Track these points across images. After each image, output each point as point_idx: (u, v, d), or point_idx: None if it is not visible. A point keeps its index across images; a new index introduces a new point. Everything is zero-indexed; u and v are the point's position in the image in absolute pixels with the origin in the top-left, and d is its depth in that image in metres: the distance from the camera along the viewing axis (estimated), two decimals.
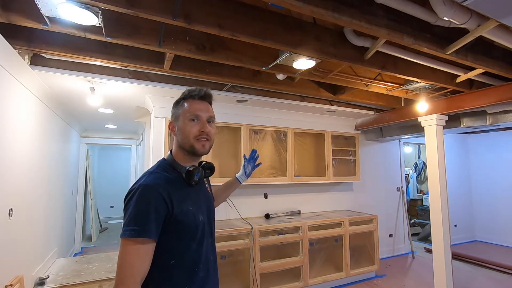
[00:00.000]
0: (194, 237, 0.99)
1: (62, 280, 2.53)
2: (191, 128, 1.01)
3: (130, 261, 0.85)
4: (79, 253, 5.17)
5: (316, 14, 1.55)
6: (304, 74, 2.57)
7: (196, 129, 1.01)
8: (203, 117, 1.03)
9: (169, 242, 0.93)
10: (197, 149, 1.02)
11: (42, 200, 2.92)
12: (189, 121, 1.02)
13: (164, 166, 1.04)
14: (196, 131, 1.01)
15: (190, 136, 1.01)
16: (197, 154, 1.04)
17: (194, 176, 1.00)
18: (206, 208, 1.09)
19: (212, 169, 1.15)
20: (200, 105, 1.04)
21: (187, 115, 1.02)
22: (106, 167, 8.38)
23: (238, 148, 3.50)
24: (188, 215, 0.97)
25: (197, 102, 1.05)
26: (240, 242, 3.01)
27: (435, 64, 2.40)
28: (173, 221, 0.93)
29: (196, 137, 1.01)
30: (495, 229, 5.61)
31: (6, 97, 1.96)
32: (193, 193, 1.04)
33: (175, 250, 0.95)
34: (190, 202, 1.00)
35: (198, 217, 1.00)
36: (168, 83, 2.83)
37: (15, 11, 1.61)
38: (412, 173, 7.12)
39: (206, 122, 1.04)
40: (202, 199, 1.10)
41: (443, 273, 3.18)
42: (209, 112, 1.06)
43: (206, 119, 1.04)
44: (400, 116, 3.73)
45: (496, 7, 1.41)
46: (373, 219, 3.92)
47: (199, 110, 1.03)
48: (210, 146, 1.05)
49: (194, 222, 0.98)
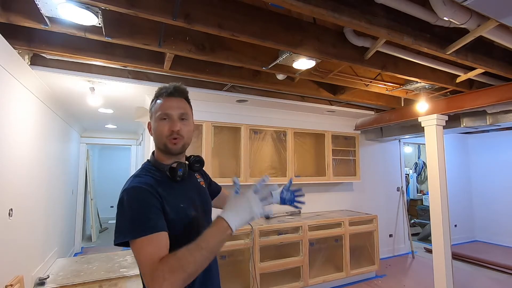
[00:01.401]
0: (189, 233, 0.96)
1: (62, 280, 2.53)
2: (163, 127, 0.99)
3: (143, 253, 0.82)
4: (79, 253, 5.17)
5: (316, 14, 1.55)
6: (304, 74, 2.57)
7: (166, 128, 0.98)
8: (173, 115, 0.99)
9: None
10: (170, 147, 0.99)
11: (42, 200, 2.92)
12: (160, 120, 0.99)
13: (148, 168, 1.02)
14: (167, 130, 0.98)
15: (162, 135, 0.99)
16: (171, 153, 1.01)
17: (177, 171, 0.98)
18: (199, 202, 1.07)
19: (201, 162, 1.12)
20: (171, 103, 1.00)
21: (158, 114, 1.00)
22: (106, 167, 8.38)
23: (238, 148, 3.50)
24: (179, 212, 0.95)
25: (168, 99, 1.01)
26: (240, 242, 3.01)
27: (435, 64, 2.40)
28: (166, 219, 0.91)
29: (167, 136, 0.98)
30: (495, 229, 5.61)
31: (6, 97, 1.96)
32: (182, 189, 1.02)
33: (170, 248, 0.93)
34: (180, 199, 0.98)
35: (190, 213, 0.99)
36: (168, 83, 2.82)
37: (15, 11, 1.61)
38: (412, 173, 7.13)
39: (177, 121, 0.99)
40: (194, 194, 1.08)
41: (443, 273, 3.18)
42: (180, 109, 1.01)
43: (178, 116, 1.00)
44: (400, 116, 3.74)
45: (496, 7, 1.41)
46: (373, 219, 3.92)
47: (169, 108, 0.99)
48: (183, 144, 1.02)
49: (186, 218, 0.97)
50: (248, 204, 0.87)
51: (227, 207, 0.88)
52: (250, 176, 3.43)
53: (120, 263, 2.95)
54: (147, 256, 0.81)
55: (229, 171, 3.45)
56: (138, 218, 0.86)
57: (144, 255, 0.82)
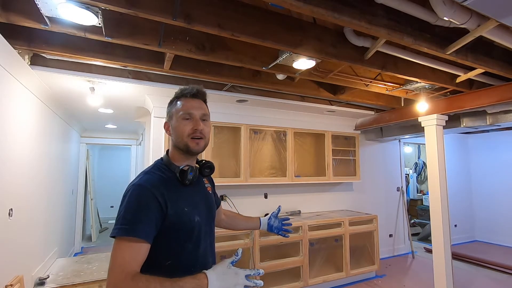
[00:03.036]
0: (189, 238, 0.98)
1: (62, 280, 2.53)
2: (184, 126, 1.01)
3: (120, 256, 0.84)
4: (79, 253, 5.17)
5: (316, 14, 1.55)
6: (304, 74, 2.57)
7: (189, 127, 1.01)
8: (196, 115, 1.02)
9: (165, 242, 0.93)
10: (191, 147, 1.01)
11: (42, 200, 2.92)
12: (182, 119, 1.02)
13: (159, 166, 1.03)
14: (190, 129, 1.00)
15: (183, 134, 1.00)
16: (192, 152, 1.02)
17: (187, 175, 0.99)
18: (205, 208, 1.08)
19: (211, 168, 1.13)
20: (193, 103, 1.04)
21: (180, 114, 1.02)
22: (106, 167, 8.37)
23: (238, 148, 3.50)
24: (182, 216, 0.96)
25: (190, 100, 1.04)
26: (240, 242, 3.01)
27: (435, 64, 2.40)
28: (168, 221, 0.92)
29: (189, 135, 1.00)
30: (495, 229, 5.61)
31: (6, 97, 1.96)
32: (188, 193, 1.02)
33: (171, 251, 0.94)
34: (185, 203, 0.98)
35: (193, 218, 0.99)
36: (168, 83, 2.83)
37: (15, 11, 1.61)
38: (412, 173, 7.13)
39: (199, 120, 1.02)
40: (200, 199, 1.08)
41: (443, 273, 3.18)
42: (202, 110, 1.04)
43: (200, 117, 1.03)
44: (400, 116, 3.73)
45: (496, 7, 1.41)
46: (373, 219, 3.92)
47: (192, 108, 1.02)
48: (204, 144, 1.04)
49: (189, 223, 0.97)
50: (235, 281, 0.88)
51: (217, 270, 0.89)
52: (250, 176, 3.44)
53: None
54: (121, 262, 0.83)
55: (229, 171, 3.45)
56: (130, 218, 0.87)
57: (119, 260, 0.83)
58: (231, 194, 3.58)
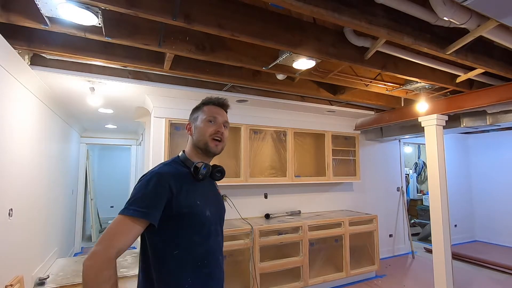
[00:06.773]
0: (200, 230, 1.03)
1: (62, 280, 2.53)
2: (208, 128, 1.12)
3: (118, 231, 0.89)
4: (79, 253, 5.17)
5: (316, 14, 1.55)
6: (304, 74, 2.57)
7: (212, 128, 1.12)
8: (220, 120, 1.15)
9: (175, 232, 0.98)
10: (211, 147, 1.11)
11: (42, 200, 2.92)
12: (207, 122, 1.13)
13: (177, 161, 1.13)
14: (212, 130, 1.11)
15: (206, 134, 1.11)
16: (210, 152, 1.12)
17: (201, 170, 1.07)
18: (215, 208, 1.13)
19: (222, 173, 1.20)
20: (218, 110, 1.17)
21: (206, 117, 1.13)
22: (106, 167, 8.37)
23: (238, 148, 3.50)
24: (194, 207, 1.02)
25: (215, 107, 1.17)
26: (240, 242, 3.01)
27: (435, 64, 2.40)
28: (179, 211, 0.98)
29: (211, 135, 1.11)
30: (495, 229, 5.61)
31: (6, 97, 1.96)
32: (201, 188, 1.09)
33: (180, 240, 0.99)
34: (197, 196, 1.05)
35: (205, 211, 1.05)
36: (168, 83, 2.83)
37: (15, 11, 1.62)
38: (412, 173, 7.12)
39: (222, 125, 1.15)
40: (212, 197, 1.15)
41: (443, 273, 3.18)
42: (225, 117, 1.18)
43: (222, 122, 1.16)
44: (400, 116, 3.73)
45: (496, 7, 1.41)
46: (373, 219, 3.92)
47: (217, 113, 1.16)
48: (222, 148, 1.15)
49: (200, 216, 1.03)
50: None
51: None
52: (250, 176, 3.44)
53: (120, 263, 2.95)
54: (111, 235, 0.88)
55: (229, 171, 3.45)
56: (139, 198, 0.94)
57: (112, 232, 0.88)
58: (231, 194, 3.58)
